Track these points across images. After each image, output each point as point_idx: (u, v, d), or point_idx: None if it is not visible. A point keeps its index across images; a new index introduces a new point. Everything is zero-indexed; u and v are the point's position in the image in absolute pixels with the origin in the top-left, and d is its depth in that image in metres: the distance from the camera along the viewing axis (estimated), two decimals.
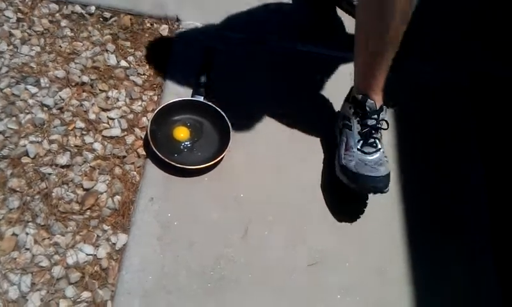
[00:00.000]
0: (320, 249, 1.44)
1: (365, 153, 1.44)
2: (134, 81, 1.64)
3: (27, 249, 1.32)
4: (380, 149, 1.46)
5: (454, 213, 1.58)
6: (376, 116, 1.46)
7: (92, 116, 1.55)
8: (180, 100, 1.59)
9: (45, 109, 1.53)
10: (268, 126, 1.64)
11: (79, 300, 1.27)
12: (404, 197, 1.56)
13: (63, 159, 1.46)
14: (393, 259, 1.46)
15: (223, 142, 1.53)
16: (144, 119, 1.57)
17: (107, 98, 1.60)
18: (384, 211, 1.53)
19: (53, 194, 1.40)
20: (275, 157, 1.58)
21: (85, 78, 1.61)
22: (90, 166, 1.47)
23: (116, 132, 1.54)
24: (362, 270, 1.43)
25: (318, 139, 1.63)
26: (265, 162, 1.56)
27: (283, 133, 1.63)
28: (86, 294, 1.28)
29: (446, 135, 1.73)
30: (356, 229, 1.50)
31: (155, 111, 1.55)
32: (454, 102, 1.81)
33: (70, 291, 1.28)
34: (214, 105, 1.58)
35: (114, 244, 1.36)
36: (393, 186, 1.57)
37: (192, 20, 1.80)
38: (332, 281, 1.40)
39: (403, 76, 1.73)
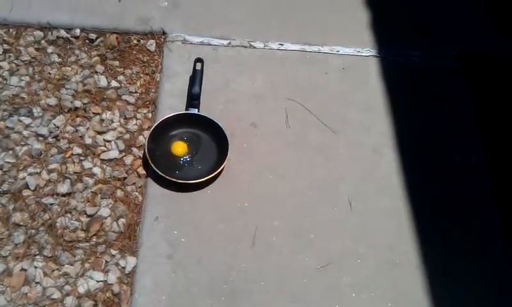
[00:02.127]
0: (329, 249, 1.44)
1: None
2: (126, 100, 1.63)
3: (37, 283, 1.31)
4: None
5: (459, 198, 1.59)
6: None
7: (88, 141, 1.54)
8: (174, 115, 1.58)
9: (41, 138, 1.52)
10: (265, 130, 1.63)
11: None
12: (409, 186, 1.57)
13: (63, 187, 1.45)
14: (405, 251, 1.47)
15: (222, 153, 1.53)
16: (141, 137, 1.57)
17: (102, 120, 1.59)
18: (390, 202, 1.54)
19: (57, 224, 1.39)
20: (275, 162, 1.58)
21: (77, 103, 1.60)
22: (91, 191, 1.46)
23: (114, 154, 1.53)
24: (374, 265, 1.44)
25: (318, 140, 1.63)
26: (265, 168, 1.56)
27: (282, 136, 1.63)
28: None
29: (445, 120, 1.74)
30: (363, 225, 1.50)
31: (151, 129, 1.54)
32: (449, 84, 1.82)
33: None
34: (209, 116, 1.57)
35: (123, 267, 1.36)
36: (397, 175, 1.58)
37: (178, 32, 1.79)
38: (345, 280, 1.40)
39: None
